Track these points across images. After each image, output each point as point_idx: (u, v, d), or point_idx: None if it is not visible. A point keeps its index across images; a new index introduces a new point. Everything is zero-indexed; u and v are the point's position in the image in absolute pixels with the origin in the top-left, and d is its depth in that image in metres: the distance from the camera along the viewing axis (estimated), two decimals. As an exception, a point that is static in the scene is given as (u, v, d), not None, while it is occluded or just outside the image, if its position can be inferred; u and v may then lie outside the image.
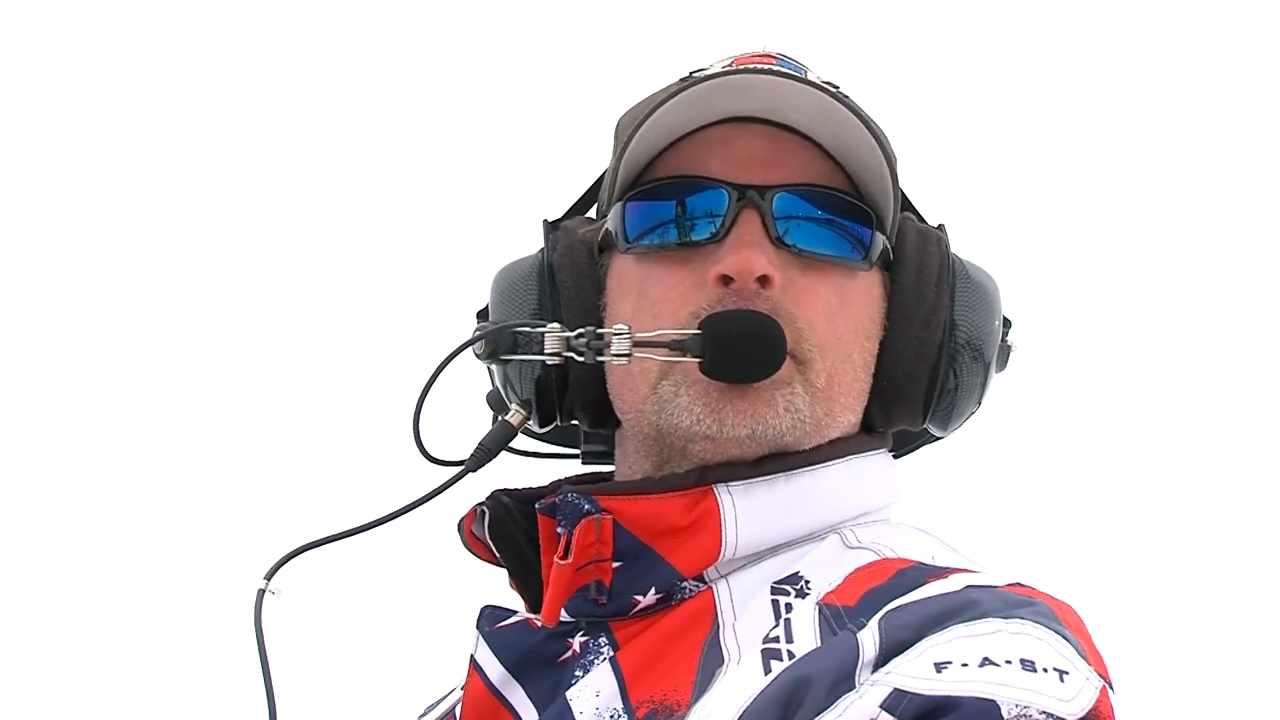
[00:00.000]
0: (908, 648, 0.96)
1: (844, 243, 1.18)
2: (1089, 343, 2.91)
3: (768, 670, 1.00)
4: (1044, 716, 0.91)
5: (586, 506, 1.13)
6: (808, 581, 1.11)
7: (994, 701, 0.91)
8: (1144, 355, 2.98)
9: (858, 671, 0.96)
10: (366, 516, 1.20)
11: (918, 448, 1.39)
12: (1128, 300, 3.03)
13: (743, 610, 1.11)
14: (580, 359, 1.17)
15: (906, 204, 1.31)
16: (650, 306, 1.17)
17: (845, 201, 1.19)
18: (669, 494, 1.14)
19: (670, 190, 1.19)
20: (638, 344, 1.14)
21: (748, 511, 1.14)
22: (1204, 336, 3.00)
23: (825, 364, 1.16)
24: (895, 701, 0.92)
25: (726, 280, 1.13)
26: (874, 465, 1.23)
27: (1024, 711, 0.91)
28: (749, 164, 1.18)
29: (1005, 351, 1.29)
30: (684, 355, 1.12)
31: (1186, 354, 2.99)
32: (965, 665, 0.93)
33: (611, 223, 1.22)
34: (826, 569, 1.12)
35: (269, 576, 1.18)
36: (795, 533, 1.16)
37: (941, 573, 1.07)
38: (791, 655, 1.01)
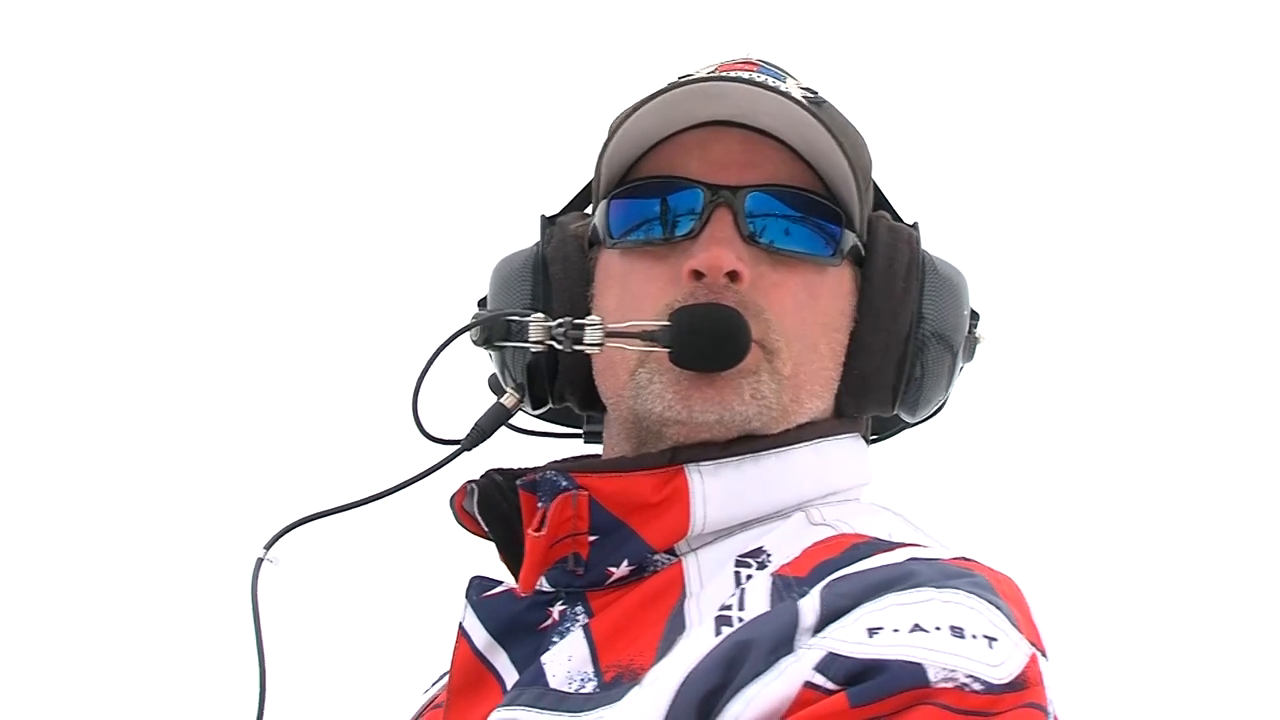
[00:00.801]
0: (845, 614, 1.02)
1: (813, 239, 1.24)
2: (1077, 336, 2.94)
3: (718, 634, 1.06)
4: (970, 680, 0.97)
5: (564, 483, 1.19)
6: (769, 555, 1.17)
7: (920, 665, 0.97)
8: (1121, 347, 3.01)
9: (796, 636, 1.02)
10: (368, 491, 1.27)
11: (896, 433, 1.44)
12: (1098, 293, 3.05)
13: (709, 582, 1.17)
14: (560, 347, 1.24)
15: (883, 203, 1.37)
16: (631, 299, 1.24)
17: (814, 201, 1.25)
18: (642, 472, 1.20)
19: (650, 190, 1.26)
20: (610, 334, 1.21)
21: (716, 490, 1.20)
22: (1172, 329, 3.02)
23: (792, 353, 1.22)
24: (828, 664, 0.98)
25: (699, 275, 1.20)
26: (843, 448, 1.29)
27: (950, 675, 0.97)
28: (724, 165, 1.24)
29: (973, 343, 1.34)
30: (655, 345, 1.19)
31: (1159, 346, 3.01)
32: (896, 631, 0.99)
33: (597, 220, 1.29)
34: (789, 544, 1.18)
35: (269, 546, 1.25)
36: (762, 510, 1.22)
37: (891, 547, 1.13)
38: (741, 621, 1.07)
